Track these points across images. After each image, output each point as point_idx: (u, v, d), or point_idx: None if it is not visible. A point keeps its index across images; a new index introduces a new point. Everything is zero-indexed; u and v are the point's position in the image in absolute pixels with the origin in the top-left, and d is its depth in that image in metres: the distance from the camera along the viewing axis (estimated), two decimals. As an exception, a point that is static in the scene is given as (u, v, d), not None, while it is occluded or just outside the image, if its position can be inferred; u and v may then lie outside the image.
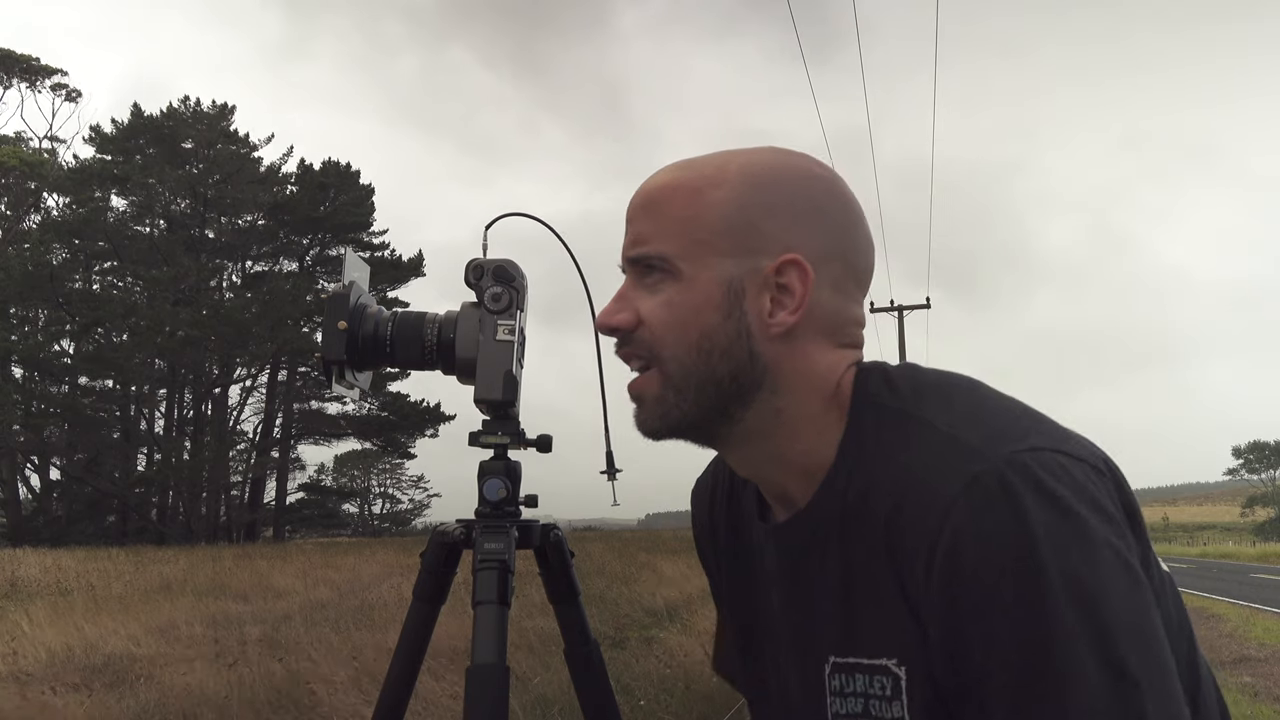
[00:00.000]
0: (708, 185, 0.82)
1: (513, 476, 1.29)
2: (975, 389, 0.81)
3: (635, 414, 0.86)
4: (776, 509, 0.90)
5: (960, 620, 0.69)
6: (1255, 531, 73.69)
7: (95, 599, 11.96)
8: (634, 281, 0.85)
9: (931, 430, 0.76)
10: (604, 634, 8.16)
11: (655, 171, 0.87)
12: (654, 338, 0.83)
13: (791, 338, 0.81)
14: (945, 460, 0.73)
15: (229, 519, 38.43)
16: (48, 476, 37.20)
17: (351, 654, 7.07)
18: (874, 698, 0.77)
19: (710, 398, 0.82)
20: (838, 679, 0.80)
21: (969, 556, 0.68)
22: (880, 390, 0.82)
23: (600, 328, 0.86)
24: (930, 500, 0.72)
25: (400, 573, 14.30)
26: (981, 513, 0.69)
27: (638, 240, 0.84)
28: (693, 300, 0.81)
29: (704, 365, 0.81)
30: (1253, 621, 12.08)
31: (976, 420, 0.76)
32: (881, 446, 0.78)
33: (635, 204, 0.86)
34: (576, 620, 1.37)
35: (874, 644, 0.77)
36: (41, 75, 42.00)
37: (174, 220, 39.20)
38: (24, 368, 36.05)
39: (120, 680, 6.86)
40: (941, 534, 0.70)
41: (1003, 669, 0.67)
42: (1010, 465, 0.70)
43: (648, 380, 0.84)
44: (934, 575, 0.70)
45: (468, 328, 1.29)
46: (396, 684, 1.33)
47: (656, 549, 19.27)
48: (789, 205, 0.82)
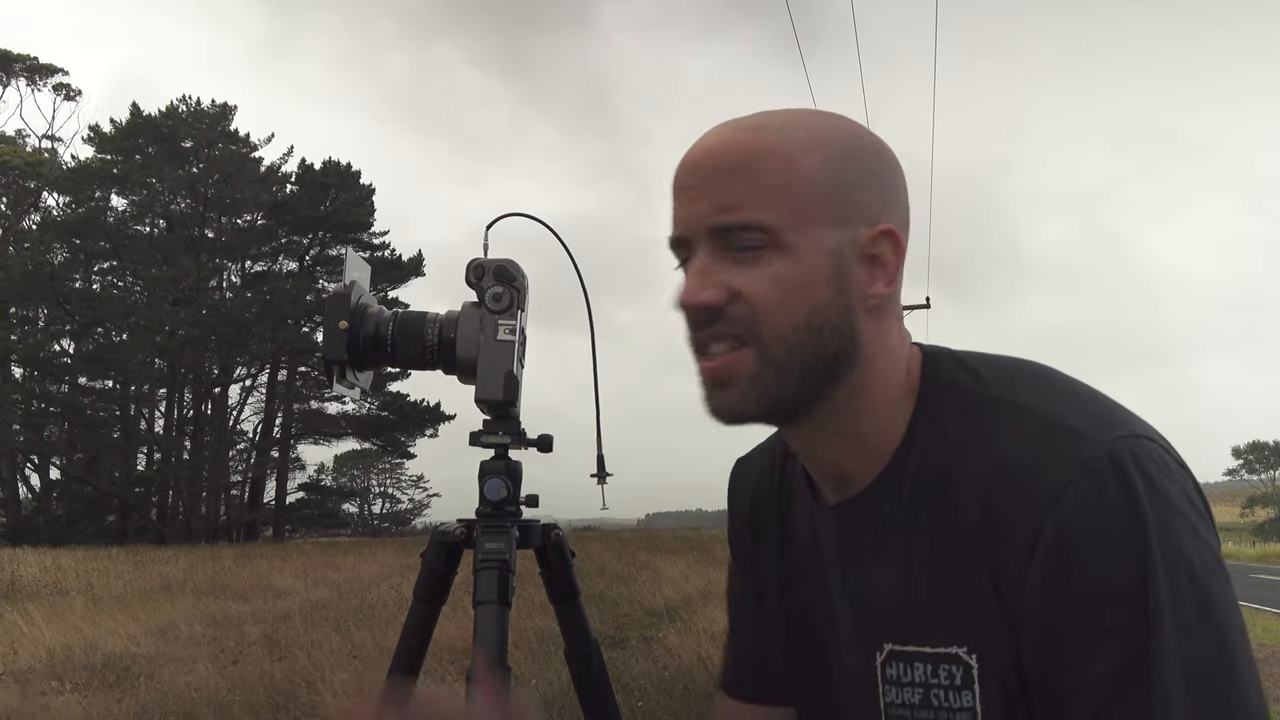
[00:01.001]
0: (801, 150, 0.77)
1: (513, 476, 1.29)
2: (1058, 374, 0.80)
3: (714, 397, 0.79)
4: (826, 489, 0.87)
5: (1067, 603, 0.68)
6: (1255, 532, 73.63)
7: (95, 599, 11.95)
8: (715, 253, 0.77)
9: (1031, 415, 0.74)
10: (604, 634, 8.16)
11: (712, 131, 0.80)
12: (755, 314, 0.76)
13: (880, 311, 0.79)
14: (1051, 443, 0.71)
15: (229, 519, 38.41)
16: (48, 476, 37.18)
17: (351, 654, 7.07)
18: (937, 687, 0.75)
19: (813, 377, 0.77)
20: (894, 667, 0.78)
21: (1081, 540, 0.67)
22: (957, 374, 0.80)
23: (686, 306, 0.78)
24: (1038, 484, 0.70)
25: (400, 573, 14.29)
26: (1094, 497, 0.68)
27: (727, 207, 0.76)
28: (802, 274, 0.75)
29: (813, 343, 0.76)
30: (1253, 621, 12.09)
31: (1077, 405, 0.74)
32: (969, 430, 0.76)
33: (712, 166, 0.77)
34: (577, 620, 1.37)
35: (942, 631, 0.75)
36: (41, 75, 41.99)
37: (174, 220, 39.16)
38: (24, 367, 36.01)
39: (120, 680, 6.86)
40: (1049, 516, 0.69)
41: (1109, 652, 0.66)
42: (1120, 451, 0.70)
43: (739, 360, 0.76)
44: (1039, 558, 0.69)
45: (469, 327, 1.29)
46: (397, 683, 1.33)
47: (656, 549, 19.26)
48: (874, 173, 0.79)
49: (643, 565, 15.06)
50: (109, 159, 38.44)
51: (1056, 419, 0.73)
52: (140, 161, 38.08)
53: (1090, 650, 0.67)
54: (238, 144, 40.89)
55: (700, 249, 0.78)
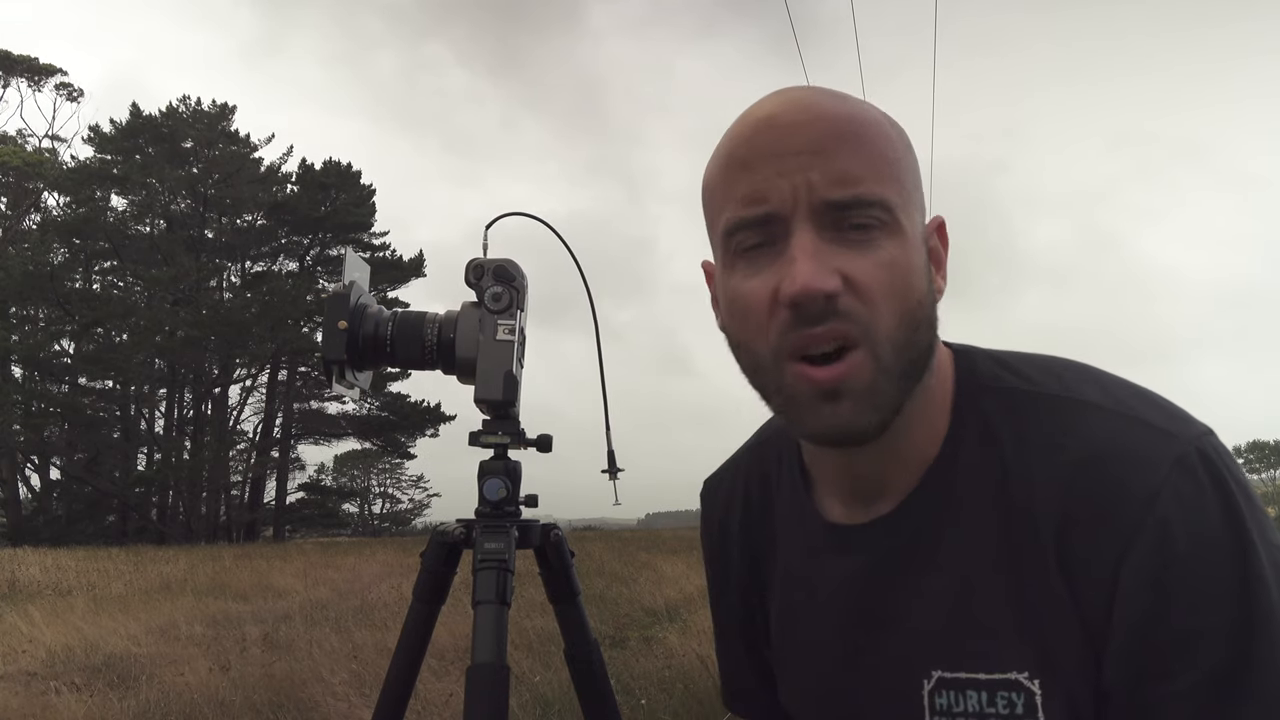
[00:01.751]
0: (890, 128, 0.70)
1: (513, 476, 1.29)
2: (1104, 371, 0.75)
3: (833, 411, 0.67)
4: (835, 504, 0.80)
5: (1170, 604, 0.64)
6: (1255, 531, 73.66)
7: (95, 599, 11.95)
8: (820, 233, 0.66)
9: (1103, 412, 0.69)
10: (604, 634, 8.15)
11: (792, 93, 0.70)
12: (870, 307, 0.65)
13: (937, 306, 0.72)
14: (1135, 442, 0.66)
15: (229, 519, 38.40)
16: (48, 476, 37.18)
17: (351, 654, 7.07)
18: (994, 716, 0.69)
19: (912, 380, 0.69)
20: (944, 696, 0.71)
21: (1183, 540, 0.64)
22: (998, 373, 0.74)
23: (802, 295, 0.64)
24: (1128, 482, 0.65)
25: (400, 573, 14.28)
26: (1192, 496, 0.65)
27: (845, 179, 0.65)
28: (913, 260, 0.67)
29: (913, 341, 0.67)
30: (1253, 621, 12.04)
31: (1145, 400, 0.70)
32: (1027, 431, 0.70)
33: (822, 131, 0.66)
34: (576, 620, 1.37)
35: (998, 655, 0.69)
36: (42, 75, 41.98)
37: (174, 220, 39.16)
38: (24, 368, 36.01)
39: (121, 680, 6.86)
40: (1148, 517, 0.64)
41: (1212, 654, 0.63)
42: (1208, 448, 0.67)
43: (857, 364, 0.66)
44: (1135, 560, 0.64)
45: (468, 327, 1.29)
46: (396, 684, 1.33)
47: (656, 549, 19.24)
48: (916, 165, 0.73)
49: (643, 565, 15.05)
50: (109, 159, 38.44)
51: (1131, 414, 0.68)
52: (140, 161, 38.07)
53: (1186, 656, 0.64)
54: (238, 144, 40.89)
55: (803, 227, 0.65)
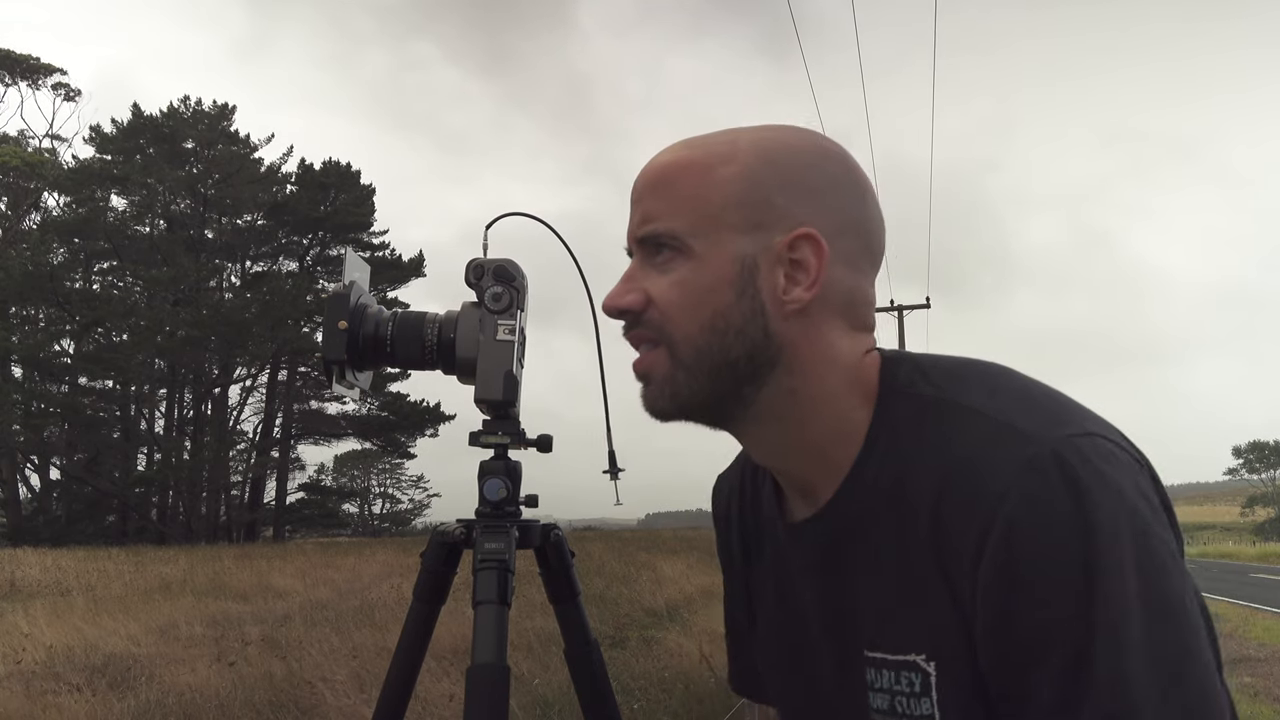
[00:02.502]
0: (718, 162, 0.80)
1: (513, 476, 1.29)
2: (1012, 375, 0.80)
3: (642, 393, 0.84)
4: (795, 502, 0.87)
5: (1015, 604, 0.68)
6: (1255, 531, 73.64)
7: (95, 599, 11.95)
8: (641, 262, 0.83)
9: (979, 416, 0.74)
10: (604, 634, 8.16)
11: (661, 150, 0.85)
12: (665, 318, 0.80)
13: (806, 315, 0.79)
14: (997, 444, 0.71)
15: (229, 519, 38.42)
16: (48, 476, 37.21)
17: (351, 654, 7.08)
18: (900, 694, 0.76)
19: (724, 378, 0.79)
20: (870, 673, 0.79)
21: (1026, 540, 0.67)
22: (914, 379, 0.80)
23: (607, 310, 0.83)
24: (983, 484, 0.70)
25: (400, 573, 14.29)
26: (1038, 496, 0.68)
27: (646, 218, 0.82)
28: (705, 278, 0.79)
29: (718, 345, 0.79)
30: (1252, 621, 12.08)
31: (1026, 405, 0.74)
32: (922, 435, 0.76)
33: (642, 183, 0.83)
34: (576, 620, 1.37)
35: (903, 639, 0.76)
36: (42, 74, 42.00)
37: (174, 220, 39.18)
38: (24, 368, 36.03)
39: (121, 680, 6.86)
40: (996, 517, 0.68)
41: (1057, 652, 0.66)
42: (1065, 448, 0.69)
43: (656, 358, 0.81)
44: (986, 559, 0.69)
45: (468, 327, 1.29)
46: (396, 684, 1.33)
47: (656, 549, 19.27)
48: (801, 180, 0.80)
49: (643, 565, 15.07)
50: (109, 159, 38.47)
51: (1004, 419, 0.73)
52: (140, 162, 38.10)
53: (1039, 652, 0.67)
54: (238, 144, 40.91)
55: (633, 258, 0.84)
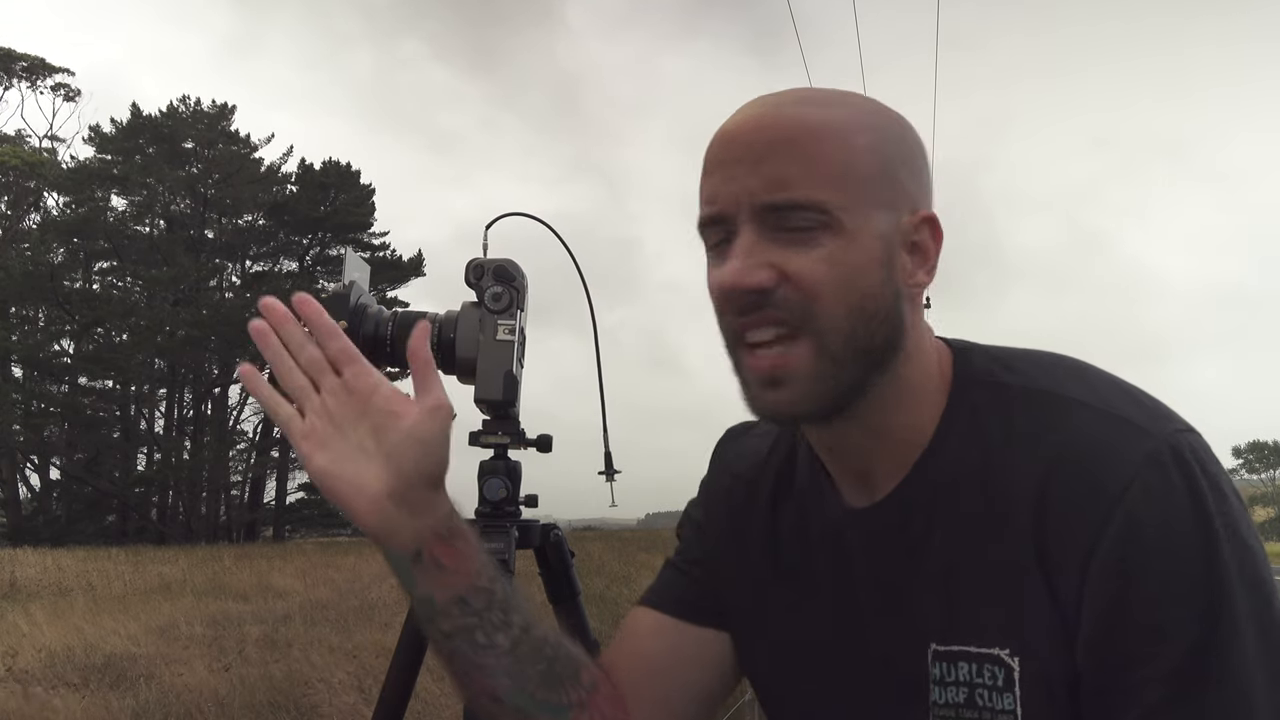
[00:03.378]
0: (854, 129, 0.74)
1: (513, 476, 1.29)
2: (1094, 367, 0.78)
3: (766, 396, 0.74)
4: (852, 489, 0.83)
5: (1135, 598, 0.67)
6: (1255, 531, 73.62)
7: (95, 599, 11.95)
8: (762, 233, 0.73)
9: (1085, 408, 0.72)
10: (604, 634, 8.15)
11: (754, 104, 0.76)
12: (811, 299, 0.72)
13: (917, 300, 0.77)
14: (1113, 436, 0.70)
15: (229, 519, 38.41)
16: (48, 476, 37.18)
17: (352, 654, 7.08)
18: (981, 687, 0.73)
19: (865, 367, 0.74)
20: (938, 667, 0.76)
21: (1150, 535, 0.67)
22: (992, 368, 0.78)
23: (733, 289, 0.72)
24: (1101, 475, 0.68)
25: (400, 573, 14.23)
26: (1161, 491, 0.67)
27: (780, 184, 0.72)
28: (857, 257, 0.72)
29: (863, 331, 0.73)
30: (1253, 621, 12.05)
31: (1127, 399, 0.73)
32: (1013, 423, 0.74)
33: (765, 140, 0.73)
34: (577, 620, 1.37)
35: (985, 631, 0.73)
36: (43, 74, 42.00)
37: (174, 220, 39.17)
38: (24, 367, 36.02)
39: (120, 680, 6.86)
40: (1117, 511, 0.67)
41: (1175, 647, 0.65)
42: (1181, 444, 0.69)
43: (798, 353, 0.73)
44: (1103, 551, 0.68)
45: (468, 327, 1.29)
46: (397, 684, 1.33)
47: (656, 548, 19.25)
48: (915, 158, 0.77)
49: (643, 565, 15.06)
50: (109, 159, 38.46)
51: (1112, 411, 0.71)
52: (140, 162, 38.09)
53: (1152, 647, 0.66)
54: (238, 144, 40.90)
55: (744, 228, 0.73)
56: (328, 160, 40.22)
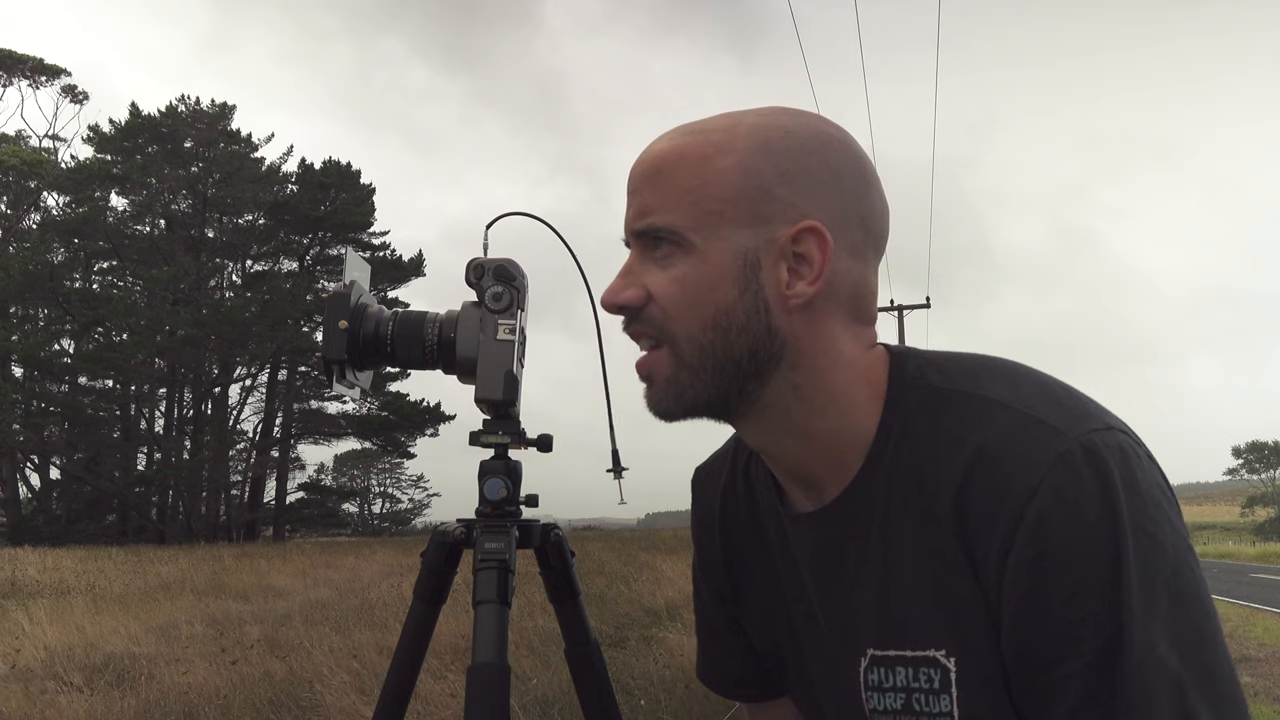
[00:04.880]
0: (716, 151, 0.77)
1: (513, 476, 1.29)
2: (1027, 369, 0.79)
3: (646, 393, 0.82)
4: (797, 495, 0.86)
5: (1045, 596, 0.68)
6: (1255, 531, 73.70)
7: (95, 598, 11.96)
8: (640, 255, 0.80)
9: (1004, 409, 0.73)
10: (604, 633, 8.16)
11: (657, 137, 0.82)
12: (665, 315, 0.78)
13: (810, 309, 0.77)
14: (1025, 437, 0.71)
15: (229, 518, 38.42)
16: (48, 476, 37.20)
17: (351, 654, 7.08)
18: (917, 691, 0.75)
19: (728, 376, 0.78)
20: (876, 673, 0.78)
21: (1058, 533, 0.67)
22: (924, 373, 0.79)
23: (605, 305, 0.81)
24: (1012, 476, 0.70)
25: (400, 572, 14.29)
26: (1070, 490, 0.68)
27: (643, 211, 0.79)
28: (707, 274, 0.76)
29: (720, 342, 0.77)
30: (1252, 621, 12.07)
31: (1049, 399, 0.74)
32: (938, 426, 0.75)
33: (638, 173, 0.80)
34: (577, 620, 1.37)
35: (920, 634, 0.75)
36: (43, 74, 41.99)
37: (174, 220, 39.19)
38: (24, 367, 36.04)
39: (121, 679, 6.86)
40: (1027, 509, 0.68)
41: (1086, 647, 0.66)
42: (1094, 443, 0.69)
43: (658, 359, 0.80)
44: (1016, 552, 0.69)
45: (468, 327, 1.29)
46: (397, 684, 1.33)
47: (656, 548, 19.26)
48: (803, 169, 0.77)
49: (643, 565, 15.06)
50: (109, 159, 38.47)
51: (1029, 412, 0.72)
52: (140, 161, 38.10)
53: (1068, 644, 0.67)
54: (238, 144, 40.91)
55: (631, 251, 0.82)
56: (328, 160, 40.24)
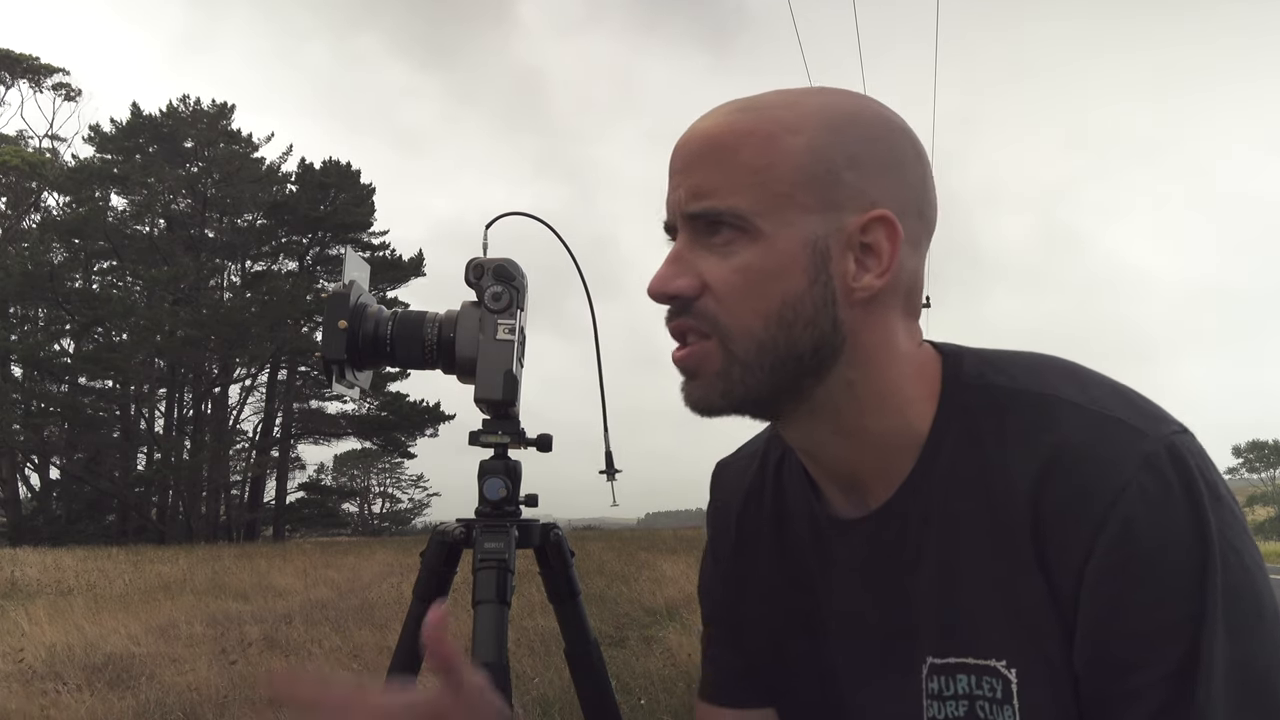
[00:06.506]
0: (783, 130, 0.72)
1: (513, 476, 1.29)
2: (1087, 369, 0.76)
3: (686, 387, 0.76)
4: (835, 496, 0.82)
5: (1128, 602, 0.66)
6: (1255, 531, 73.74)
7: (95, 598, 11.95)
8: (692, 241, 0.74)
9: (1079, 409, 0.70)
10: (604, 633, 8.15)
11: (707, 113, 0.76)
12: (723, 308, 0.73)
13: (873, 303, 0.74)
14: (1107, 438, 0.68)
15: (229, 518, 38.40)
16: (47, 476, 37.17)
17: (352, 653, 7.08)
18: (982, 699, 0.72)
19: (787, 372, 0.73)
20: (936, 681, 0.74)
21: (1146, 538, 0.65)
22: (982, 372, 0.76)
23: (654, 294, 0.75)
24: (1096, 477, 0.67)
25: (400, 572, 14.28)
26: (1157, 493, 0.66)
27: (699, 193, 0.73)
28: (775, 264, 0.71)
29: (784, 338, 0.72)
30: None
31: (1122, 400, 0.72)
32: (1006, 427, 0.72)
33: (690, 150, 0.74)
34: (576, 619, 1.37)
35: (982, 643, 0.72)
36: (43, 74, 41.98)
37: (174, 220, 39.16)
38: (24, 367, 36.02)
39: (121, 679, 6.86)
40: (1113, 513, 0.66)
41: (1167, 654, 0.65)
42: (1178, 446, 0.68)
43: (706, 352, 0.74)
44: (1099, 554, 0.66)
45: (468, 327, 1.29)
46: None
47: (656, 548, 19.24)
48: (870, 154, 0.73)
49: (643, 564, 15.05)
50: (109, 159, 38.45)
51: (1108, 413, 0.70)
52: (140, 161, 38.09)
53: (1148, 652, 0.65)
54: (238, 143, 40.88)
55: (680, 236, 0.75)
56: (328, 160, 40.22)
